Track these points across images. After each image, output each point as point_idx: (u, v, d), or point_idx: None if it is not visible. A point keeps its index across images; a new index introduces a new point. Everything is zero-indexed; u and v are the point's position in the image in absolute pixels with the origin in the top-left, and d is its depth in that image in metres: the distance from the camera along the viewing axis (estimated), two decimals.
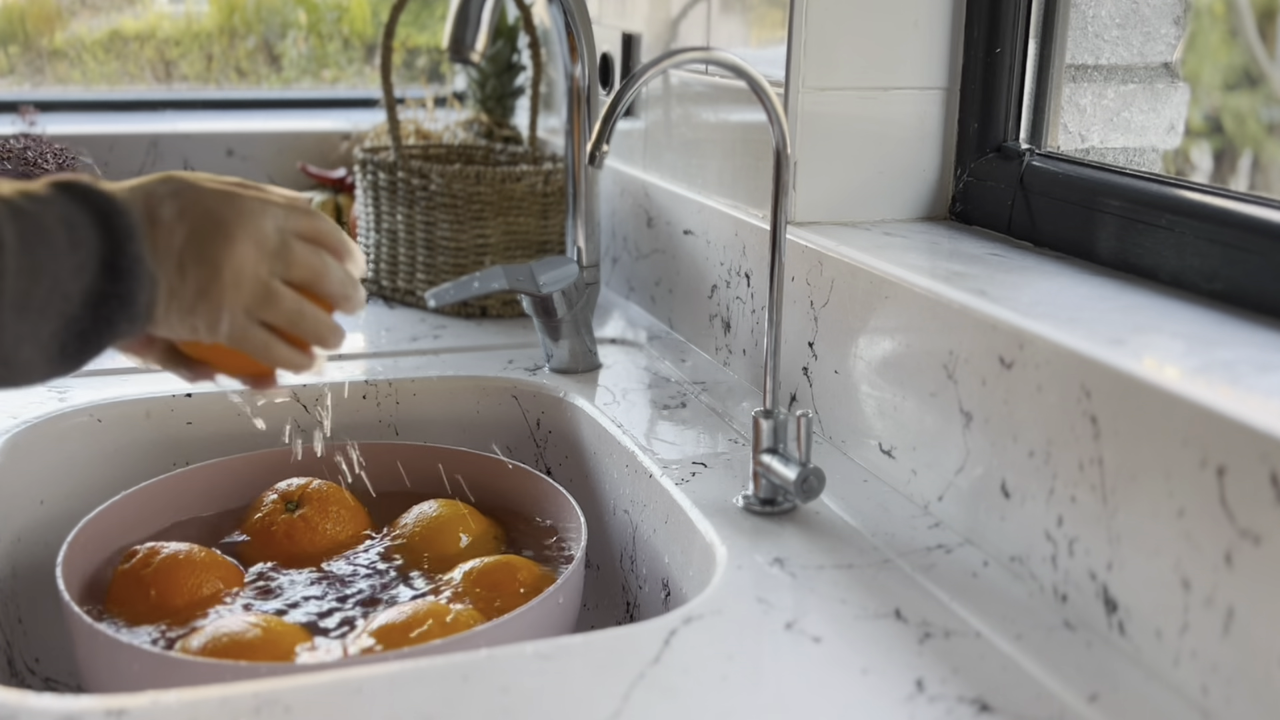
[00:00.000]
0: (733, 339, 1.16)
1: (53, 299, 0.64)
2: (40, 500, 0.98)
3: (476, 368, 1.16)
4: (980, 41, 1.04)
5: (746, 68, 0.83)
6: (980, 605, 0.74)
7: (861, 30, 1.04)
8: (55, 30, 1.88)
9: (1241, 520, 0.60)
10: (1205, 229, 0.82)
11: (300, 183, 1.73)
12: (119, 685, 0.72)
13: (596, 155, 0.83)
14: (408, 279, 1.37)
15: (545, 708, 0.63)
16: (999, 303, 0.81)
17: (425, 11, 2.02)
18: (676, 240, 1.26)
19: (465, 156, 1.51)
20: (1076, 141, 1.05)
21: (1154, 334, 0.75)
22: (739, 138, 1.16)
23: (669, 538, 0.90)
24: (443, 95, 1.86)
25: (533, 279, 1.11)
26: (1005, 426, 0.78)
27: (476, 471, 1.00)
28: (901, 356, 0.89)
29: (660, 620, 0.71)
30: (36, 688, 0.91)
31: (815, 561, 0.79)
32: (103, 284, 0.66)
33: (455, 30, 1.02)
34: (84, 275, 0.65)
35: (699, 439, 1.01)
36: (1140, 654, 0.68)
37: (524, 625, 0.75)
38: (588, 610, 1.01)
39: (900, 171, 1.08)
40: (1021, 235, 1.00)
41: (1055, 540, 0.74)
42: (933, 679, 0.66)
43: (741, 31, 1.16)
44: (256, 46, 1.97)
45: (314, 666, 0.71)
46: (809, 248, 1.00)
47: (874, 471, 0.93)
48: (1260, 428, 0.59)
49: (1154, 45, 1.07)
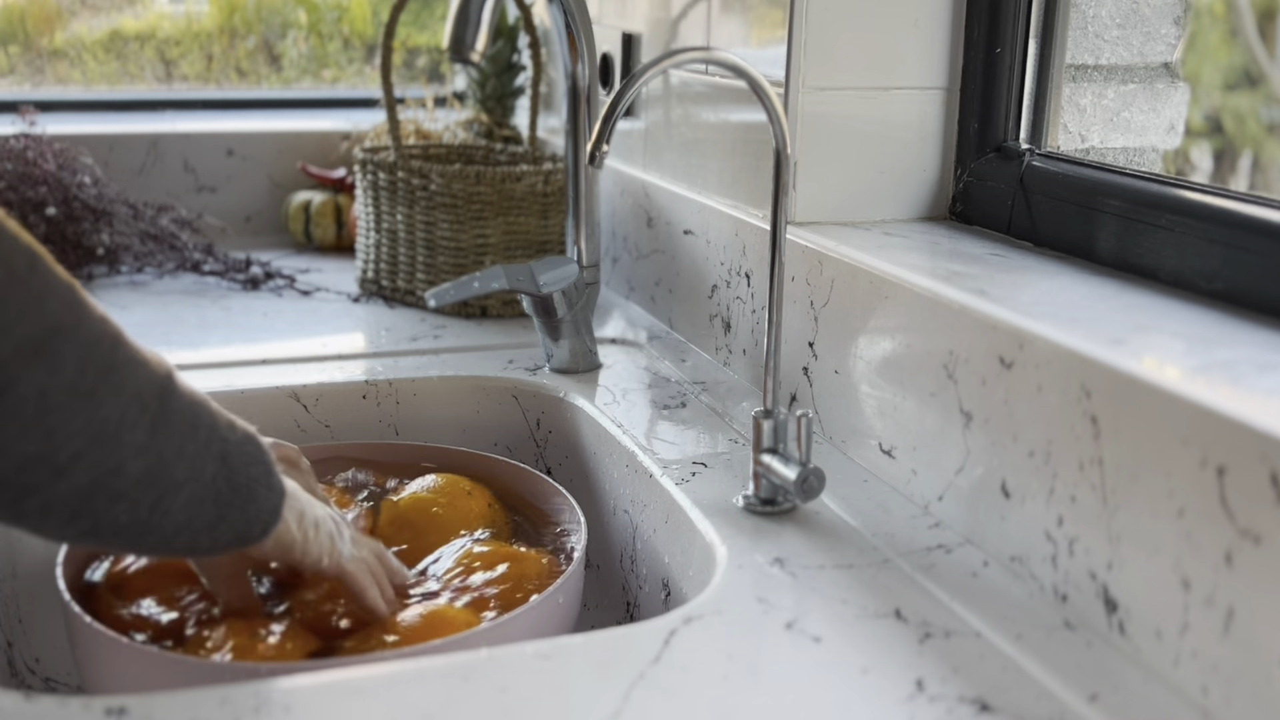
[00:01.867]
0: (733, 339, 1.16)
1: (214, 436, 0.68)
2: None
3: (476, 368, 1.16)
4: (980, 41, 1.04)
5: (746, 68, 0.83)
6: (980, 605, 0.74)
7: (861, 30, 1.04)
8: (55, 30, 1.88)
9: (1241, 520, 0.60)
10: (1205, 229, 0.82)
11: (300, 182, 1.73)
12: (119, 685, 0.72)
13: (596, 155, 0.83)
14: (408, 279, 1.37)
15: (545, 708, 0.63)
16: (999, 303, 0.81)
17: (425, 11, 2.02)
18: (676, 240, 1.26)
19: (465, 156, 1.51)
20: (1076, 141, 1.05)
21: (1154, 334, 0.75)
22: (739, 138, 1.16)
23: (669, 538, 0.91)
24: (443, 95, 1.86)
25: (533, 279, 1.11)
26: (1005, 426, 0.78)
27: (477, 471, 1.00)
28: (901, 356, 0.89)
29: (660, 620, 0.71)
30: (36, 688, 0.91)
31: (815, 561, 0.79)
32: (251, 446, 0.71)
33: (455, 30, 1.02)
34: (236, 431, 0.70)
35: (699, 439, 1.01)
36: (1140, 654, 0.68)
37: (524, 625, 0.75)
38: (588, 610, 1.01)
39: (900, 171, 1.08)
40: (1021, 235, 1.00)
41: (1055, 540, 0.74)
42: (933, 679, 0.66)
43: (741, 31, 1.16)
44: (256, 46, 1.97)
45: (314, 666, 0.71)
46: (809, 248, 1.00)
47: (874, 471, 0.93)
48: (1260, 428, 0.59)
49: (1154, 45, 1.07)
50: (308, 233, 1.65)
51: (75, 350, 0.60)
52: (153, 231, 1.50)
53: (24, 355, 0.59)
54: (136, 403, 0.63)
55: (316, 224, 1.64)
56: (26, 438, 0.59)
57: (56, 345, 0.60)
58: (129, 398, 0.63)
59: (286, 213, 1.68)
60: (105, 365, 0.62)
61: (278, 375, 1.12)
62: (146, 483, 0.64)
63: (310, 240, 1.66)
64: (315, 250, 1.66)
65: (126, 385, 0.63)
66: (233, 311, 1.35)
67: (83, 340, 0.61)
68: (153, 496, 0.64)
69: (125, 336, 0.64)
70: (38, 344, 0.59)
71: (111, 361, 0.62)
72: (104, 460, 0.62)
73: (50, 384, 0.59)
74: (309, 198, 1.66)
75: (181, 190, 1.69)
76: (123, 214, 1.49)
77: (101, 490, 0.62)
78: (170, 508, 0.65)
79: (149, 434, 0.63)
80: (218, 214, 1.69)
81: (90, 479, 0.62)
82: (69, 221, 1.45)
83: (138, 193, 1.64)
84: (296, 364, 1.16)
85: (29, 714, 0.61)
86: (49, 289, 0.60)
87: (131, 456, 0.63)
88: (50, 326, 0.59)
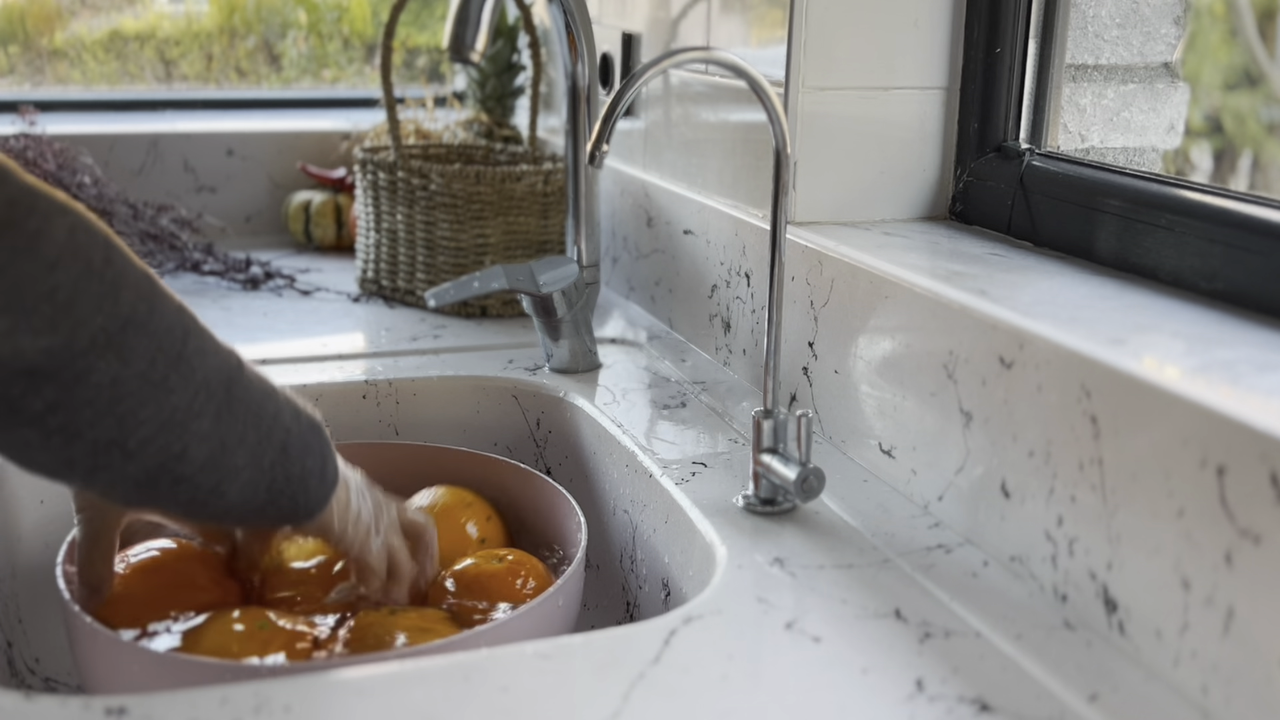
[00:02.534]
0: (733, 339, 1.16)
1: (277, 425, 0.71)
2: (40, 500, 0.98)
3: (476, 368, 1.16)
4: (980, 41, 1.04)
5: (746, 67, 0.83)
6: (980, 605, 0.74)
7: (861, 30, 1.04)
8: (55, 30, 1.88)
9: (1241, 520, 0.60)
10: (1205, 229, 0.82)
11: (300, 182, 1.73)
12: (119, 685, 0.72)
13: (596, 155, 0.83)
14: (408, 279, 1.37)
15: (545, 708, 0.63)
16: (999, 303, 0.81)
17: (425, 11, 2.02)
18: (676, 240, 1.26)
19: (465, 156, 1.51)
20: (1076, 141, 1.05)
21: (1154, 334, 0.75)
22: (739, 138, 1.16)
23: (669, 538, 0.90)
24: (443, 95, 1.86)
25: (533, 279, 1.11)
26: (1005, 426, 0.78)
27: (476, 471, 1.00)
28: (901, 356, 0.89)
29: (660, 620, 0.71)
30: (36, 688, 0.91)
31: (815, 561, 0.79)
32: (313, 436, 0.74)
33: (455, 30, 1.02)
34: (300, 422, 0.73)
35: (699, 439, 1.01)
36: (1140, 654, 0.68)
37: (524, 625, 0.75)
38: (588, 610, 1.01)
39: (900, 171, 1.08)
40: (1021, 235, 1.00)
41: (1055, 540, 0.74)
42: (933, 679, 0.66)
43: (741, 31, 1.16)
44: (256, 46, 1.97)
45: (314, 666, 0.71)
46: (809, 248, 1.00)
47: (874, 471, 0.93)
48: (1260, 428, 0.59)
49: (1154, 45, 1.07)
50: (308, 233, 1.65)
51: (147, 341, 0.63)
52: (153, 231, 1.50)
53: (99, 346, 0.61)
54: (204, 391, 0.66)
55: (316, 224, 1.64)
56: (99, 424, 0.62)
57: (129, 336, 0.62)
58: (197, 386, 0.66)
59: (286, 213, 1.68)
60: (175, 355, 0.65)
61: (278, 375, 1.12)
62: (209, 467, 0.67)
63: (310, 240, 1.66)
64: (315, 250, 1.66)
65: (195, 374, 0.66)
66: (233, 311, 1.35)
67: (155, 331, 0.64)
68: (213, 480, 0.67)
69: (198, 325, 0.67)
70: (111, 335, 0.62)
71: (182, 351, 0.65)
72: (170, 445, 0.65)
73: (123, 373, 0.62)
74: (309, 198, 1.66)
75: (181, 190, 1.69)
76: (123, 214, 1.49)
77: (167, 473, 0.66)
78: (227, 491, 0.69)
79: (214, 422, 0.66)
80: (218, 214, 1.69)
81: (157, 463, 0.65)
82: None
83: (138, 193, 1.64)
84: (296, 364, 1.16)
85: (29, 714, 0.61)
86: (124, 281, 0.63)
87: (196, 442, 0.66)
88: (125, 318, 0.62)
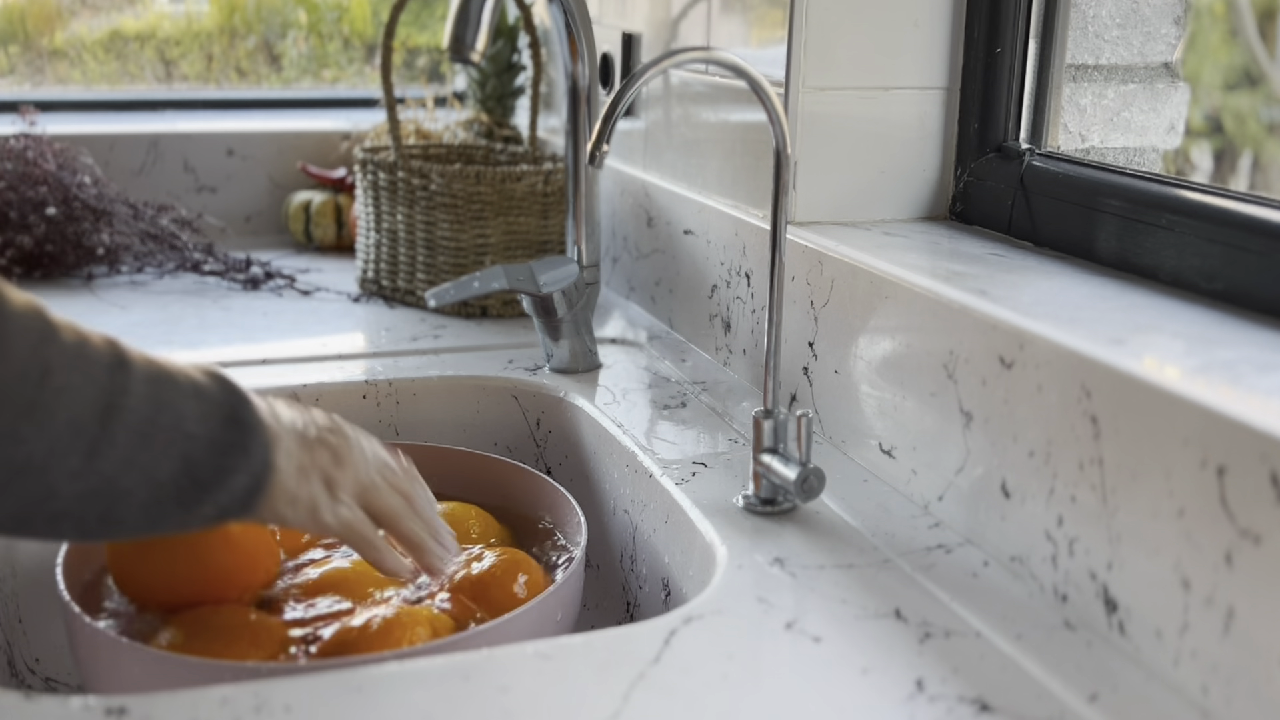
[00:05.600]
0: (733, 339, 1.16)
1: (175, 437, 0.65)
2: None
3: (476, 368, 1.16)
4: (980, 41, 1.04)
5: (746, 67, 0.83)
6: (980, 605, 0.74)
7: (861, 30, 1.04)
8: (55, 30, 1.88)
9: (1241, 520, 0.60)
10: (1205, 229, 0.82)
11: (300, 182, 1.73)
12: (119, 685, 0.72)
13: (596, 155, 0.83)
14: (408, 279, 1.37)
15: (545, 708, 0.63)
16: (999, 303, 0.81)
17: (425, 11, 2.02)
18: (676, 240, 1.26)
19: (465, 156, 1.51)
20: (1077, 141, 1.05)
21: (1154, 334, 0.75)
22: (739, 138, 1.16)
23: (669, 538, 0.91)
24: (443, 95, 1.86)
25: (533, 279, 1.11)
26: (1005, 426, 0.78)
27: (476, 471, 1.00)
28: (901, 356, 0.89)
29: (660, 620, 0.71)
30: (36, 688, 0.91)
31: (815, 561, 0.79)
32: (226, 432, 0.67)
33: (455, 30, 1.02)
34: (208, 422, 0.67)
35: (699, 439, 1.01)
36: (1140, 654, 0.68)
37: (524, 625, 0.75)
38: (588, 610, 1.01)
39: (900, 171, 1.08)
40: (1021, 235, 1.00)
41: (1055, 540, 0.74)
42: (933, 679, 0.66)
43: (741, 31, 1.16)
44: (256, 46, 1.97)
45: (314, 666, 0.71)
46: (809, 248, 1.00)
47: (874, 471, 0.93)
48: (1260, 428, 0.59)
49: (1154, 45, 1.07)
50: (308, 233, 1.65)
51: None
52: (153, 231, 1.50)
53: None
54: (69, 430, 0.62)
55: (317, 224, 1.64)
56: None
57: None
58: (59, 429, 0.62)
59: (286, 213, 1.68)
60: (27, 404, 0.61)
61: (278, 375, 1.12)
62: (90, 498, 0.63)
63: (310, 240, 1.66)
64: (315, 250, 1.66)
65: (56, 417, 0.61)
66: (233, 311, 1.35)
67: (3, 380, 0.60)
68: (99, 509, 0.64)
69: (66, 359, 0.62)
70: None
71: (36, 398, 0.61)
72: (30, 490, 0.62)
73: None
74: (309, 198, 1.66)
75: (181, 190, 1.69)
76: (123, 214, 1.49)
77: (37, 514, 0.63)
78: (123, 514, 0.65)
79: (86, 458, 0.63)
80: (218, 214, 1.69)
81: (19, 506, 0.62)
82: (69, 221, 1.45)
83: (138, 193, 1.64)
84: (296, 364, 1.16)
85: (29, 714, 0.61)
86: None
87: (66, 482, 0.62)
88: None
